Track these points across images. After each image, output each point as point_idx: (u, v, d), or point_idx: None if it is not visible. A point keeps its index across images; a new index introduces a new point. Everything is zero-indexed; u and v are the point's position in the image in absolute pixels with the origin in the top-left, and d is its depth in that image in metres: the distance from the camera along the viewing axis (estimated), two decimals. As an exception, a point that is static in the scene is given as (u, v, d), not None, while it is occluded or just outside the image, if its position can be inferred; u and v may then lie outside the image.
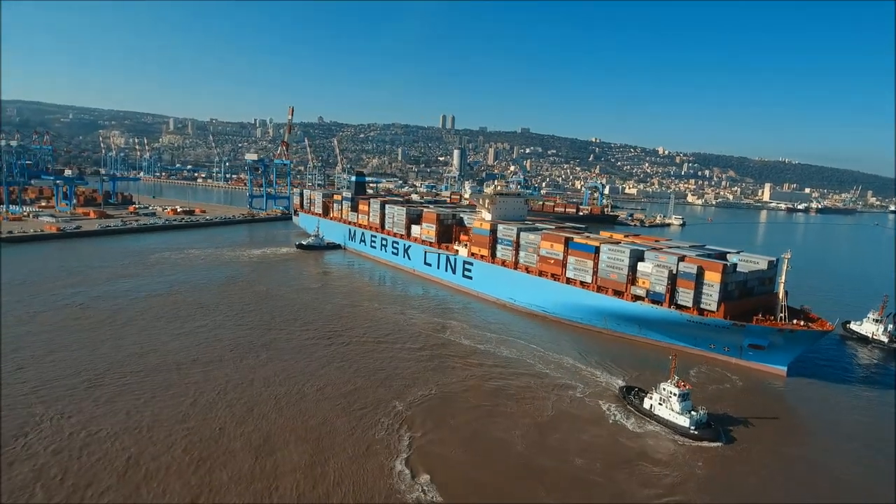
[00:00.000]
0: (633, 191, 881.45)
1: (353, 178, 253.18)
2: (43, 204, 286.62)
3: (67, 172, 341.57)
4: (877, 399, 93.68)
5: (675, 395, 75.93)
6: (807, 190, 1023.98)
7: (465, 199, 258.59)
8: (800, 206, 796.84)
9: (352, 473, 60.68)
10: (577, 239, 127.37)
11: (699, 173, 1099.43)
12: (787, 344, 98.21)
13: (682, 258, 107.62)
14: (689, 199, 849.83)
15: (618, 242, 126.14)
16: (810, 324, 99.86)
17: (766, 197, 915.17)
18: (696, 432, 73.37)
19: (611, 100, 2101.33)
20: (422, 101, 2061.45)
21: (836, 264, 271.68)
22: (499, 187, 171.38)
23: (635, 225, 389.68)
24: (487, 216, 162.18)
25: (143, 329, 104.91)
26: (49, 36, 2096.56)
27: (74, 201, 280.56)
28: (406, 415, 75.55)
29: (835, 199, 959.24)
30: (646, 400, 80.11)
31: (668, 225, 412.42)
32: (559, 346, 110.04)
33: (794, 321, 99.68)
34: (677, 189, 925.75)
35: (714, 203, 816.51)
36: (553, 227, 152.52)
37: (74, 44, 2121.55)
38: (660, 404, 77.46)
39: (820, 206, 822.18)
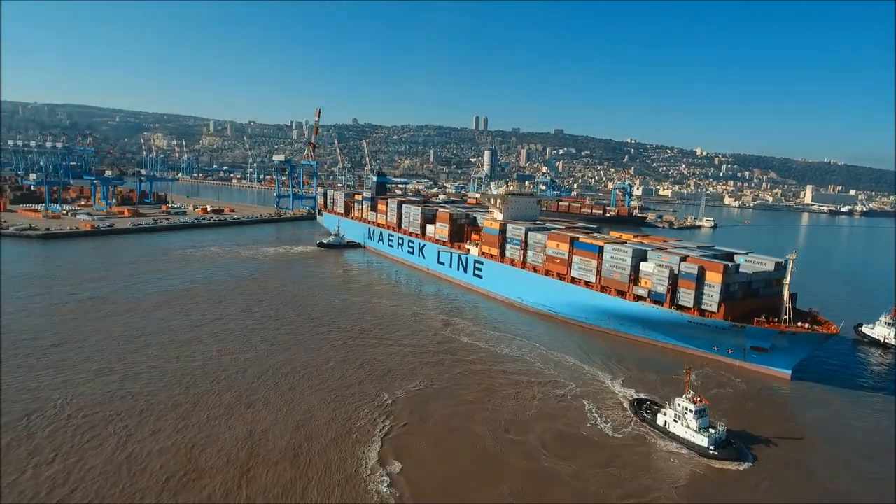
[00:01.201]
0: (668, 192, 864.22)
1: (375, 178, 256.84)
2: (82, 203, 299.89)
3: (108, 173, 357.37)
4: (882, 404, 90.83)
5: (691, 411, 71.01)
6: (852, 192, 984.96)
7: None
8: (843, 209, 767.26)
9: (322, 458, 63.29)
10: (582, 238, 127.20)
11: (739, 175, 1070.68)
12: (790, 346, 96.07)
13: (684, 258, 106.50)
14: (727, 200, 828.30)
15: (623, 242, 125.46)
16: (815, 326, 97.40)
17: (808, 199, 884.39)
18: (715, 452, 68.36)
19: (647, 100, 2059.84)
20: (455, 103, 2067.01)
21: (866, 268, 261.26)
22: (511, 187, 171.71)
23: (664, 227, 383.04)
24: (499, 216, 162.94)
25: (152, 321, 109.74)
26: (97, 42, 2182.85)
27: (113, 200, 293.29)
28: (391, 407, 77.34)
29: (882, 202, 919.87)
30: (659, 416, 75.23)
31: (699, 227, 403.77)
32: (561, 346, 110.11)
33: (799, 323, 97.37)
34: (714, 191, 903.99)
35: (752, 205, 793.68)
36: (563, 226, 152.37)
37: (121, 49, 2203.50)
38: (675, 421, 72.45)
39: (865, 209, 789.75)
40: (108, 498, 54.33)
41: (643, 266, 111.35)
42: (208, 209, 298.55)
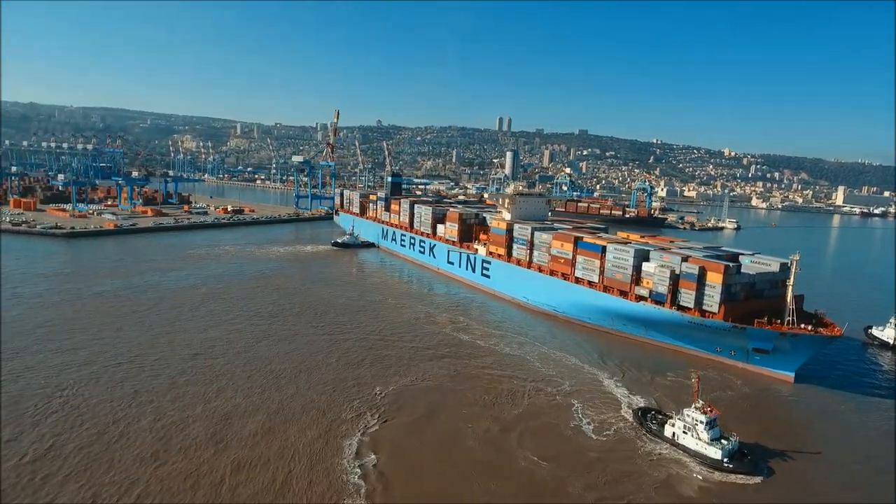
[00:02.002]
0: (693, 193, 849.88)
1: (390, 179, 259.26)
2: (109, 203, 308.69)
3: (135, 174, 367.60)
4: (885, 406, 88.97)
5: (701, 422, 68.56)
6: (886, 193, 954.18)
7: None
8: (876, 211, 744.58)
9: (306, 449, 65.24)
10: (586, 238, 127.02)
11: (768, 176, 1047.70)
12: (793, 348, 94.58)
13: (685, 258, 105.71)
14: (754, 202, 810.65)
15: (627, 242, 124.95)
16: (819, 328, 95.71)
17: (840, 200, 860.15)
18: (730, 465, 66.13)
19: (673, 100, 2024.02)
20: (479, 104, 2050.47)
21: (890, 271, 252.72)
22: (520, 187, 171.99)
23: (685, 228, 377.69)
24: (507, 216, 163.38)
25: (161, 318, 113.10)
26: (131, 45, 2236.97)
27: (138, 201, 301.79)
28: (382, 402, 78.70)
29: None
30: (667, 427, 72.58)
31: (721, 229, 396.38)
32: (563, 346, 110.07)
33: (803, 325, 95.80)
34: (742, 192, 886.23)
35: (780, 207, 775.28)
36: (569, 226, 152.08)
37: (153, 52, 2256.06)
38: (684, 433, 70.00)
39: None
40: (75, 474, 56.87)
41: (645, 266, 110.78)
42: (229, 209, 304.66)
